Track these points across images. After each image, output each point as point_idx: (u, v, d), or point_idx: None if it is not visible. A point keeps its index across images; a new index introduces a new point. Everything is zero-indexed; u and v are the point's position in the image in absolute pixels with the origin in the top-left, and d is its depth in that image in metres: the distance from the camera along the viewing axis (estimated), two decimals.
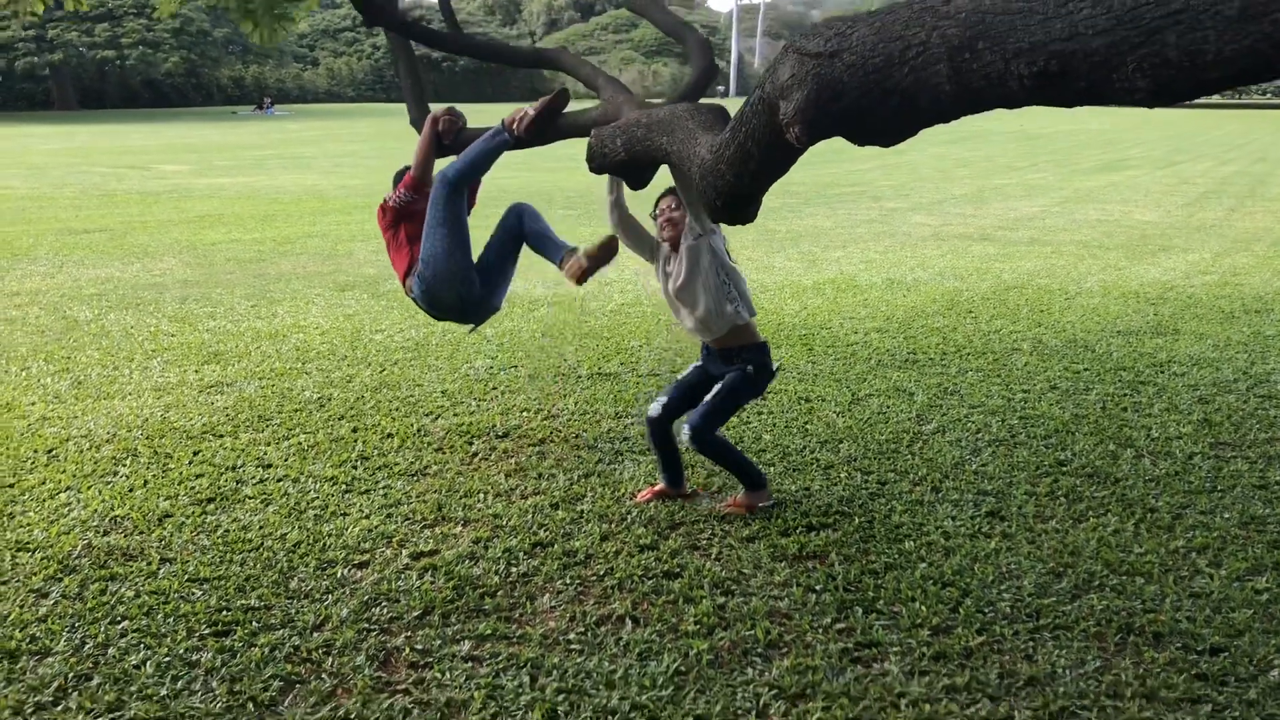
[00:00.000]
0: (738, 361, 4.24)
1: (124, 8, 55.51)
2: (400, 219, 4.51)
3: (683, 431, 4.25)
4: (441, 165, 4.36)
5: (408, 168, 4.54)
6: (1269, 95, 77.08)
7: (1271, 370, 6.55)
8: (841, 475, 4.80)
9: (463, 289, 4.31)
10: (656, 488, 4.55)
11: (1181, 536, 4.16)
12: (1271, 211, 15.78)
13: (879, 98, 2.30)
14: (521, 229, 4.51)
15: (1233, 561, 3.93)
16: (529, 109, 4.19)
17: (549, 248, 4.48)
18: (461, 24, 5.46)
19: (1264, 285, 9.53)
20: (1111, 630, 3.45)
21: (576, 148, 4.12)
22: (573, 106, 4.24)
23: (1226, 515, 4.36)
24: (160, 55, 56.95)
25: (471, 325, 4.68)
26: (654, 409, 4.44)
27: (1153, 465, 4.93)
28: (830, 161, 24.59)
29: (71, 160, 25.81)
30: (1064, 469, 4.88)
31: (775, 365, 4.41)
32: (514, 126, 4.19)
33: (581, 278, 4.30)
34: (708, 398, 4.26)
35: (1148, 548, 4.05)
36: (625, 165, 3.82)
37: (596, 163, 3.91)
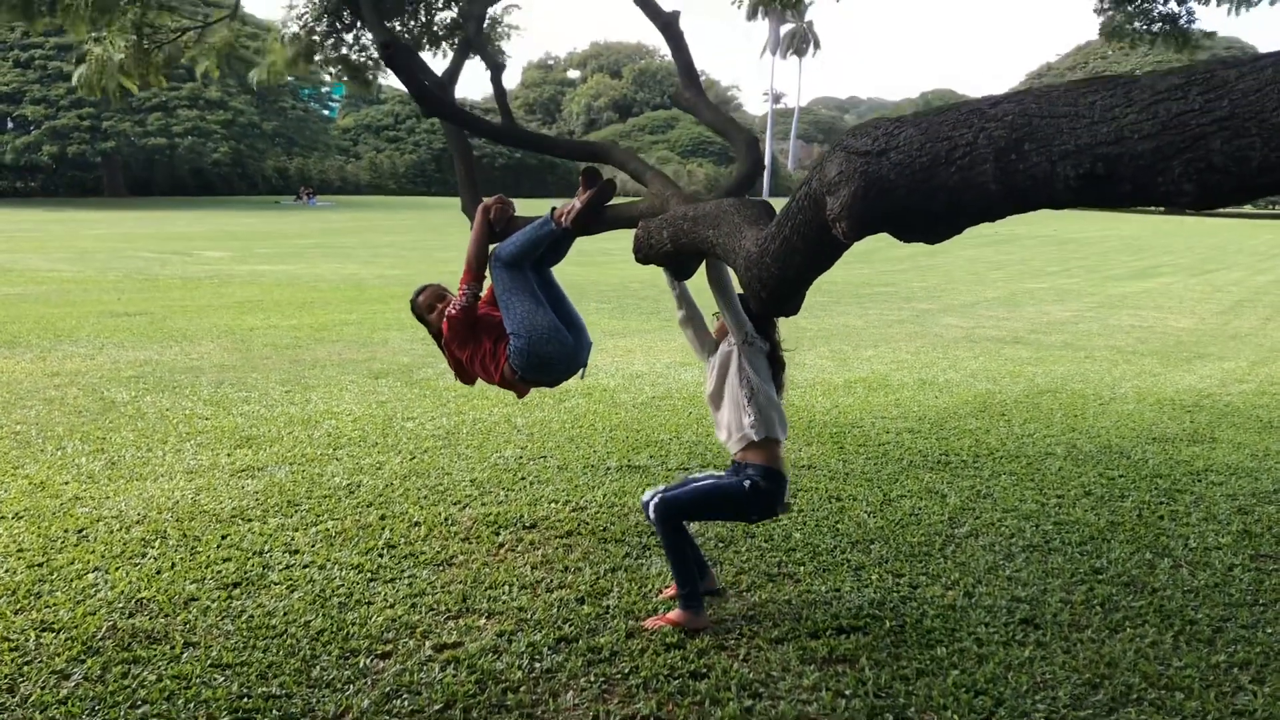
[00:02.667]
0: (742, 475, 4.12)
1: (177, 100, 57.36)
2: (473, 326, 4.39)
3: (652, 497, 4.16)
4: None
5: (420, 290, 4.60)
6: None
7: None
8: (873, 577, 4.72)
9: (560, 337, 4.24)
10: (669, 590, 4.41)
11: (1223, 651, 4.04)
12: None
13: (925, 195, 2.34)
14: (501, 259, 4.31)
15: (1276, 679, 3.82)
16: (576, 201, 4.21)
17: (538, 230, 4.30)
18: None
19: None
20: None
21: (610, 242, 4.18)
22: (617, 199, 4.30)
23: (1269, 630, 4.24)
24: (210, 145, 58.62)
25: (581, 370, 4.47)
26: (647, 495, 4.29)
27: (1191, 576, 4.83)
28: (863, 262, 24.75)
29: (117, 245, 26.43)
30: (1099, 577, 4.78)
31: (785, 505, 4.22)
32: (561, 218, 4.22)
33: (576, 218, 4.16)
34: (696, 483, 4.17)
35: (1187, 661, 3.94)
36: (671, 256, 3.88)
37: (643, 253, 3.97)
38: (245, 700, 3.50)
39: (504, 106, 5.37)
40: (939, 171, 2.27)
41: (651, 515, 4.13)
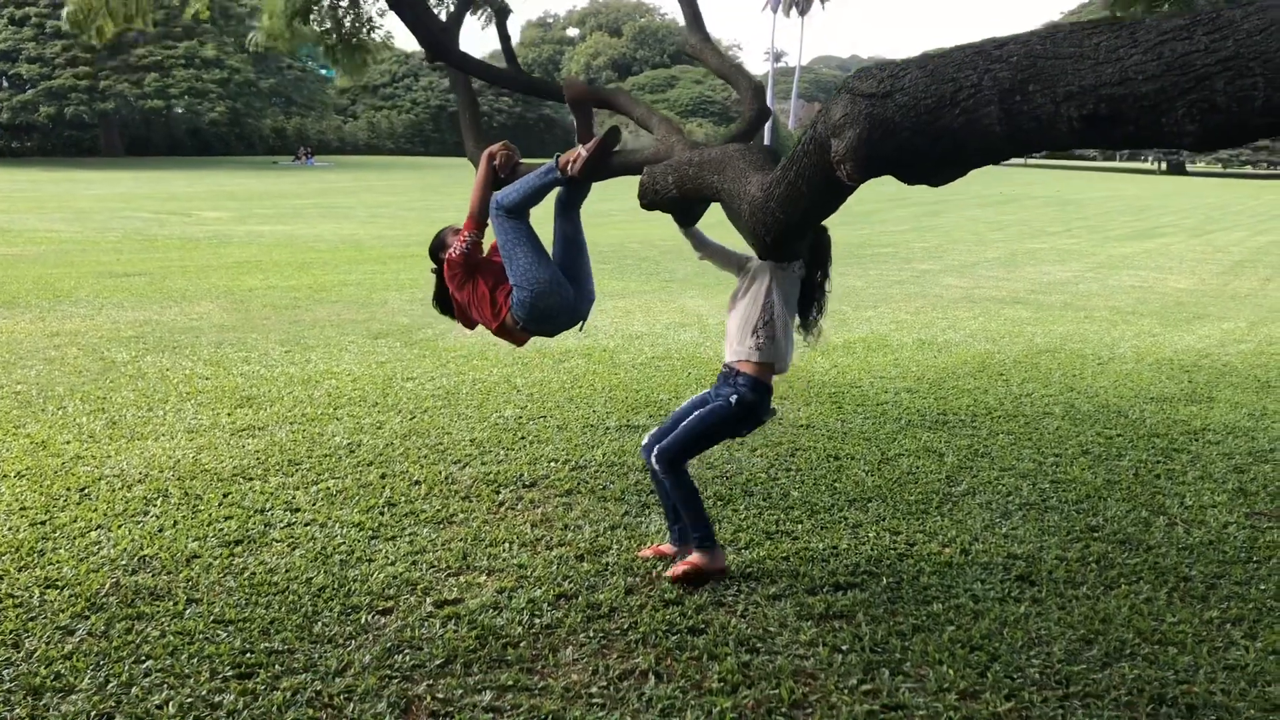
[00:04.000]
0: (728, 386, 4.10)
1: (173, 59, 56.83)
2: (473, 271, 4.41)
3: (651, 449, 4.20)
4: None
5: (443, 232, 4.56)
6: None
7: None
8: (870, 535, 4.76)
9: (563, 290, 4.26)
10: (660, 547, 4.47)
11: (1216, 607, 4.08)
12: None
13: (930, 138, 2.34)
14: (504, 206, 4.27)
15: (1269, 634, 3.86)
16: (581, 150, 4.15)
17: (541, 178, 4.26)
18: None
19: None
20: (1143, 700, 3.38)
21: (608, 202, 4.18)
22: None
23: (1263, 586, 4.28)
24: (206, 105, 58.13)
25: (580, 323, 4.48)
26: (645, 439, 4.38)
27: (1186, 533, 4.86)
28: (864, 222, 24.67)
29: (115, 205, 26.33)
30: (1095, 535, 4.82)
31: (770, 410, 4.21)
32: (568, 166, 4.16)
33: (582, 167, 4.12)
34: (684, 421, 4.17)
35: (1181, 617, 3.98)
36: (676, 202, 3.87)
37: (648, 199, 3.96)
38: (248, 655, 3.54)
39: (508, 51, 5.32)
40: (944, 113, 2.27)
41: (656, 468, 4.18)
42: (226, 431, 6.19)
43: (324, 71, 70.74)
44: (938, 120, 2.29)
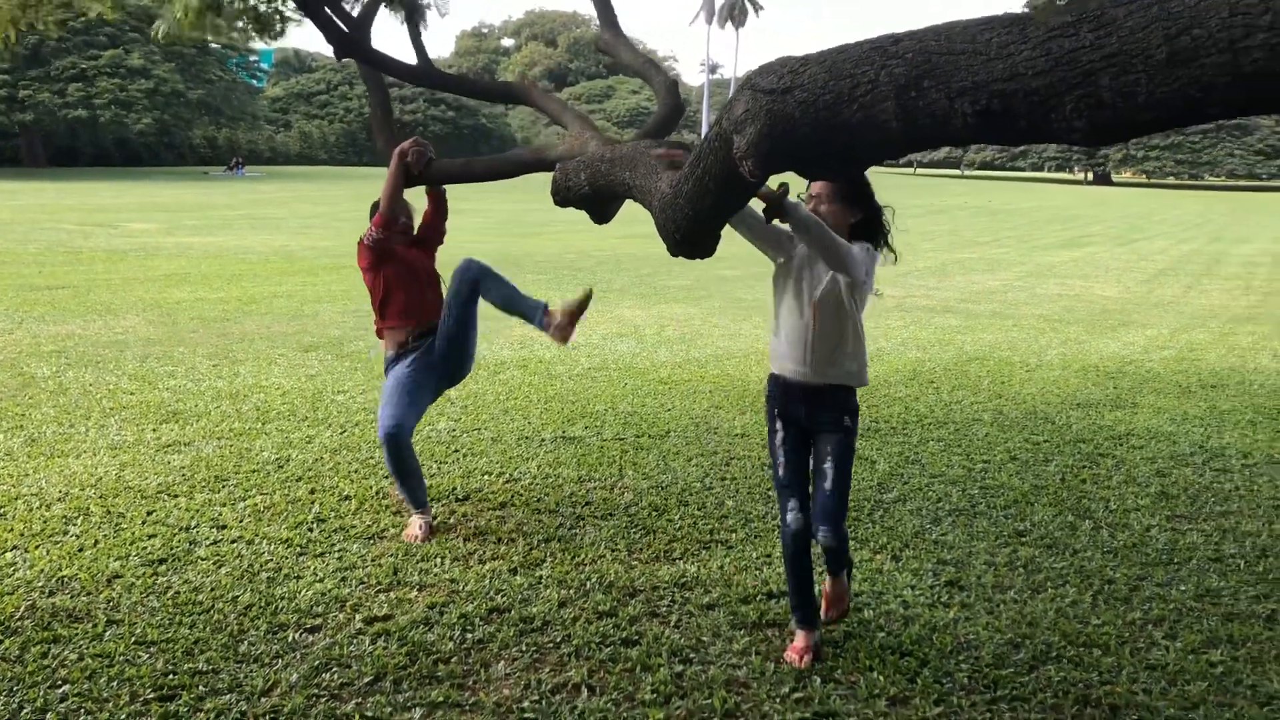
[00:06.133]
0: (831, 407, 3.59)
1: (97, 68, 55.63)
2: (381, 261, 4.72)
3: (818, 533, 3.59)
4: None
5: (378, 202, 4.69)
6: (1224, 177, 79.21)
7: (1226, 444, 6.64)
8: None
9: (467, 366, 4.93)
10: (799, 645, 3.72)
11: (1139, 608, 4.17)
12: (1227, 289, 16.12)
13: (829, 133, 2.37)
14: (481, 295, 4.66)
15: (1188, 634, 3.94)
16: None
17: (523, 308, 4.61)
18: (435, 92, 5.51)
19: (1219, 360, 9.69)
20: (1069, 702, 3.44)
21: (550, 214, 4.18)
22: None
23: (1183, 588, 4.38)
24: (133, 116, 56.95)
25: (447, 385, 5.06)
26: (793, 520, 3.63)
27: (1111, 537, 4.96)
28: None
29: (38, 217, 25.67)
30: (1023, 539, 4.89)
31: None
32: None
33: (568, 337, 4.50)
34: (826, 483, 3.58)
35: (1105, 619, 4.06)
36: (588, 199, 3.86)
37: (561, 195, 3.94)
38: (171, 677, 3.45)
39: (419, 48, 5.26)
40: (842, 109, 2.30)
41: (835, 546, 3.64)
42: (151, 448, 6.05)
43: (255, 82, 69.80)
44: (836, 116, 2.31)
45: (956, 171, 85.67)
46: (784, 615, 3.99)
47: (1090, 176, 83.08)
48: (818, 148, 2.43)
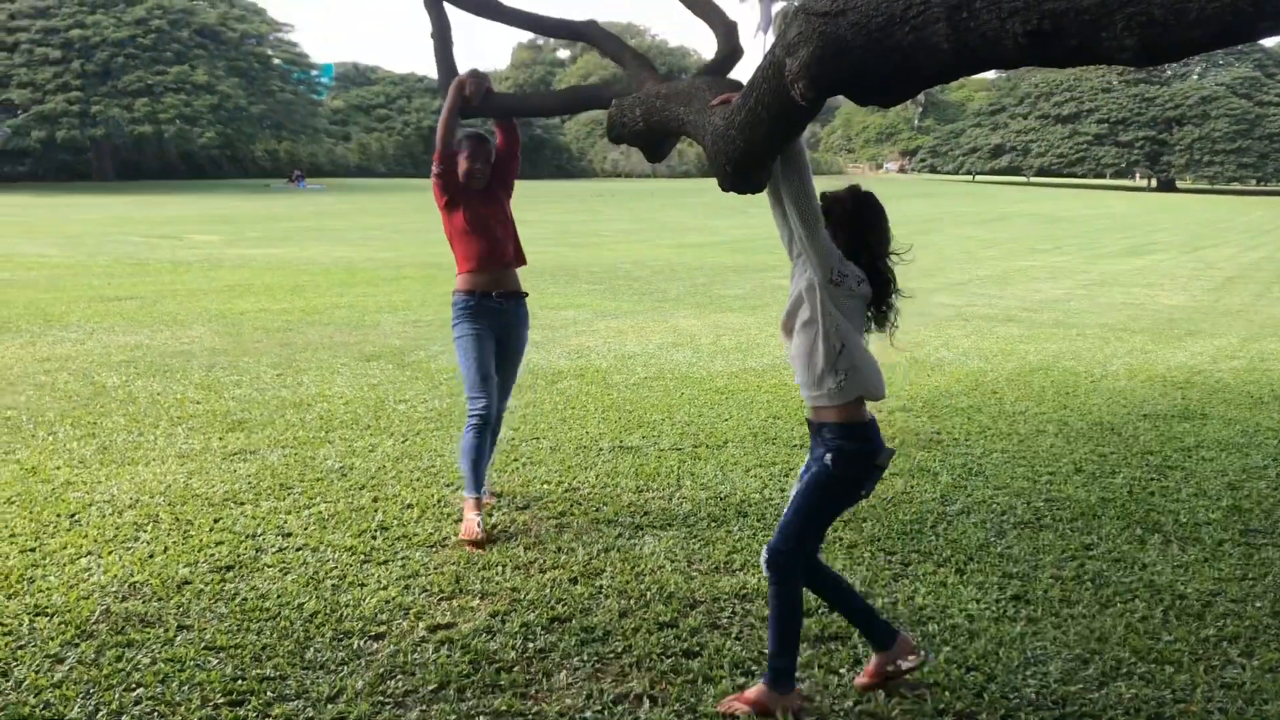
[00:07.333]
0: (819, 445, 3.36)
1: (163, 84, 56.97)
2: (453, 202, 4.91)
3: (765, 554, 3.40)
4: None
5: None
6: None
7: None
8: (865, 555, 4.74)
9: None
10: (870, 669, 3.55)
11: (1212, 625, 4.07)
12: None
13: (881, 56, 2.38)
14: None
15: (1265, 652, 3.84)
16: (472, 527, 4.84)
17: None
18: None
19: None
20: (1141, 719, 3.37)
21: (601, 224, 4.18)
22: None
23: (1259, 604, 4.27)
24: (198, 130, 58.24)
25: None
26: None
27: (1181, 551, 4.85)
28: None
29: (107, 229, 26.31)
30: (1090, 553, 4.81)
31: (886, 451, 3.41)
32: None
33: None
34: (791, 506, 3.38)
35: (1177, 635, 3.97)
36: (643, 135, 3.86)
37: (615, 132, 3.95)
38: (240, 682, 3.51)
39: None
40: (894, 31, 2.31)
41: (766, 574, 3.38)
42: (218, 456, 6.16)
43: (316, 95, 70.97)
44: (888, 38, 2.33)
45: (1021, 179, 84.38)
46: (848, 628, 3.96)
47: (1153, 183, 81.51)
48: (869, 70, 2.45)
